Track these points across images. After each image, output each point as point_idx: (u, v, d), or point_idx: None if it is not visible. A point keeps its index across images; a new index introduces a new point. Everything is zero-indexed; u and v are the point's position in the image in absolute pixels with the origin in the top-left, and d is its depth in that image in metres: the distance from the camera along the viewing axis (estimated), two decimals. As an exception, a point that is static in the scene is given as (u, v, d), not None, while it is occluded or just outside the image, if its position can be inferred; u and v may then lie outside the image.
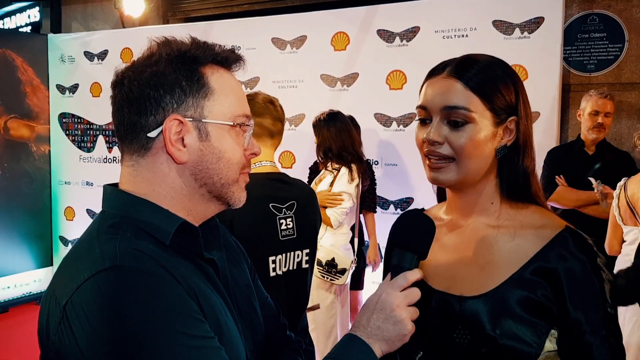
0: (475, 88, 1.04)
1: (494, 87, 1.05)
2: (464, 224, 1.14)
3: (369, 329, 0.96)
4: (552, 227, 1.05)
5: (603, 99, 3.35)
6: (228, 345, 0.91)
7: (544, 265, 1.02)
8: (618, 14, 3.82)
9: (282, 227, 2.02)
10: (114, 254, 0.85)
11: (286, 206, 2.05)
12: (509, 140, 1.08)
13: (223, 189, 0.99)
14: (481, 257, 1.09)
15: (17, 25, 7.21)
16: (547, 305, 1.01)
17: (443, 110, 1.05)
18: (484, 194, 1.11)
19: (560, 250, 1.02)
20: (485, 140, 1.05)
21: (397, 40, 3.97)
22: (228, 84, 1.00)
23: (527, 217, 1.09)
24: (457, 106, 1.03)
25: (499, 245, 1.08)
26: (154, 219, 0.93)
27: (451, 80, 1.05)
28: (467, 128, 1.04)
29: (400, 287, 0.98)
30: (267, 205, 2.00)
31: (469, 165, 1.06)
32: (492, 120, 1.05)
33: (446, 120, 1.05)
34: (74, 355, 0.81)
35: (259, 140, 2.01)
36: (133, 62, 0.97)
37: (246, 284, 1.10)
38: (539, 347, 1.01)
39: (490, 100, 1.05)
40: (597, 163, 3.41)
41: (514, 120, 1.07)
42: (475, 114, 1.03)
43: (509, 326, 1.01)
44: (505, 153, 1.08)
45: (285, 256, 2.03)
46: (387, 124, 4.01)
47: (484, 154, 1.06)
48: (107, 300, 0.81)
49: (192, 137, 0.95)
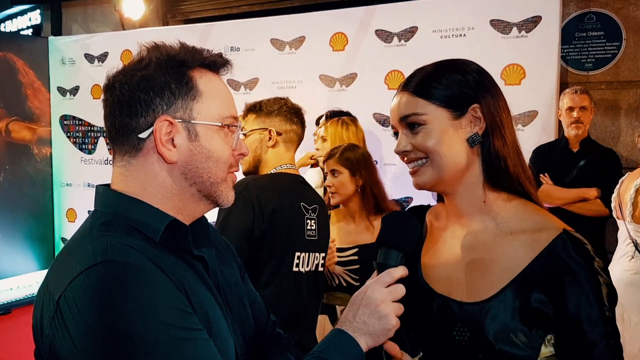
0: (419, 93, 1.11)
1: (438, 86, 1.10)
2: (461, 227, 1.16)
3: (355, 324, 0.99)
4: (549, 230, 1.07)
5: (577, 95, 3.41)
6: (217, 338, 0.93)
7: (541, 270, 1.04)
8: (615, 13, 3.83)
9: (308, 227, 2.08)
10: (106, 249, 0.88)
11: (312, 208, 2.13)
12: (480, 129, 1.10)
13: (212, 188, 1.02)
14: (480, 262, 1.11)
15: (18, 28, 7.24)
16: (544, 311, 1.03)
17: (401, 122, 1.13)
18: (470, 191, 1.13)
19: (556, 254, 1.03)
20: (447, 135, 1.09)
21: (395, 40, 3.98)
22: (216, 87, 1.03)
23: (525, 218, 1.10)
24: (407, 114, 1.11)
25: (497, 251, 1.09)
26: (144, 217, 0.96)
27: (402, 93, 1.14)
28: (422, 129, 1.10)
29: (385, 283, 1.01)
30: (299, 203, 2.08)
31: (441, 162, 1.09)
32: (449, 114, 1.10)
33: (406, 129, 1.12)
34: (68, 348, 0.84)
35: (291, 147, 2.13)
36: (124, 67, 1.01)
37: (235, 281, 1.13)
38: (535, 352, 1.03)
39: (436, 98, 1.10)
40: (581, 160, 3.43)
41: (477, 107, 1.10)
42: (425, 115, 1.10)
43: (506, 332, 1.03)
44: (479, 140, 1.10)
45: (308, 255, 2.08)
46: (386, 124, 4.02)
47: (453, 148, 1.09)
48: (98, 294, 0.84)
49: (182, 138, 0.98)
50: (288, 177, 2.09)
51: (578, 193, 3.31)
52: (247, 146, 2.00)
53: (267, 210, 1.93)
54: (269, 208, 1.93)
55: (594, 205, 3.29)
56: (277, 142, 2.09)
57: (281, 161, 2.10)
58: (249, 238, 1.90)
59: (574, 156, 3.46)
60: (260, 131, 2.09)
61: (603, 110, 3.88)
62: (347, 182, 2.57)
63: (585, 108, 3.40)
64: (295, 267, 2.03)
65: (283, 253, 2.00)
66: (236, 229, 1.88)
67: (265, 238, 1.94)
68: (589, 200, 3.30)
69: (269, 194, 1.98)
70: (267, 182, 2.04)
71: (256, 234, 1.91)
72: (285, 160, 2.12)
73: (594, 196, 3.29)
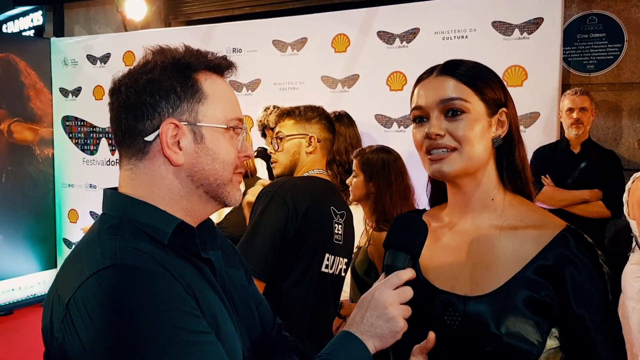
0: (467, 82, 1.11)
1: (484, 81, 1.12)
2: (465, 223, 1.17)
3: (363, 326, 1.00)
4: (552, 226, 1.08)
5: (577, 96, 3.41)
6: (225, 341, 0.94)
7: (546, 264, 1.05)
8: (617, 14, 3.83)
9: (336, 231, 2.12)
10: (114, 253, 0.89)
11: (340, 213, 2.17)
12: (503, 132, 1.13)
13: (219, 189, 1.02)
14: (484, 257, 1.11)
15: (20, 29, 7.26)
16: (549, 304, 1.04)
17: (440, 104, 1.10)
18: (482, 188, 1.14)
19: (562, 250, 1.05)
20: (482, 129, 1.11)
21: (397, 42, 3.98)
22: (221, 89, 1.03)
23: (528, 215, 1.12)
24: (453, 97, 1.10)
25: (502, 245, 1.10)
26: (152, 220, 0.97)
27: (443, 77, 1.12)
28: (464, 117, 1.10)
29: (393, 285, 1.01)
30: (329, 207, 2.13)
31: (471, 153, 1.10)
32: (486, 110, 1.11)
33: (444, 113, 1.11)
34: (77, 351, 0.84)
35: (327, 154, 2.20)
36: (129, 70, 1.01)
37: (242, 284, 1.13)
38: (541, 345, 1.04)
39: (481, 92, 1.11)
40: (582, 162, 3.43)
41: (504, 112, 1.13)
42: (469, 104, 1.10)
43: (513, 325, 1.04)
44: (500, 144, 1.13)
45: (334, 259, 2.11)
46: (388, 125, 4.03)
47: (483, 142, 1.11)
48: (108, 297, 0.84)
49: (188, 140, 0.98)
50: (320, 181, 2.15)
51: (579, 195, 3.32)
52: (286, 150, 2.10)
53: (300, 210, 1.98)
54: (302, 207, 1.98)
55: (595, 207, 3.29)
56: (316, 148, 2.14)
57: (314, 166, 2.16)
58: (282, 236, 1.95)
59: (575, 158, 3.46)
60: (301, 136, 2.14)
61: (604, 111, 3.89)
62: (361, 185, 2.57)
63: (585, 109, 3.41)
64: (325, 268, 2.07)
65: (314, 252, 2.03)
66: (270, 227, 1.94)
67: (298, 237, 1.98)
68: (589, 202, 3.31)
69: (303, 194, 2.02)
70: (301, 183, 2.09)
71: (289, 233, 1.96)
72: (318, 166, 2.17)
73: (594, 198, 3.29)
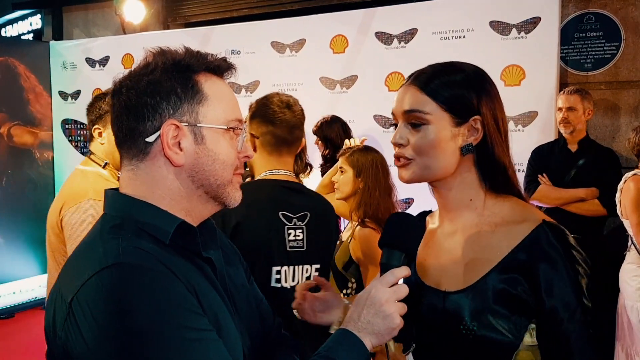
0: (429, 92, 1.12)
1: (449, 90, 1.11)
2: (450, 223, 1.20)
3: (360, 324, 1.01)
4: (530, 221, 1.10)
5: (566, 95, 3.42)
6: (226, 339, 0.95)
7: (520, 258, 1.07)
8: (614, 13, 3.85)
9: (291, 238, 1.91)
10: (117, 252, 0.90)
11: (298, 216, 1.94)
12: (476, 139, 1.13)
13: (219, 190, 1.03)
14: (466, 254, 1.15)
15: (19, 32, 7.28)
16: (523, 298, 1.06)
17: (404, 114, 1.14)
18: (457, 190, 1.16)
19: (535, 243, 1.07)
20: (444, 140, 1.11)
21: (395, 42, 4.00)
22: (221, 91, 1.04)
23: (509, 212, 1.14)
24: (413, 109, 1.12)
25: (482, 242, 1.13)
26: (154, 220, 0.98)
27: (410, 87, 1.14)
28: (424, 129, 1.11)
29: (389, 283, 1.03)
30: (277, 213, 1.90)
31: (427, 163, 1.12)
32: (451, 120, 1.11)
33: (407, 123, 1.14)
34: (81, 350, 0.85)
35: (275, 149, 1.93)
36: (130, 72, 1.02)
37: (242, 283, 1.15)
38: (516, 338, 1.06)
39: (445, 102, 1.11)
40: (580, 160, 3.44)
41: (478, 119, 1.12)
42: (430, 115, 1.11)
43: (488, 318, 1.07)
44: (471, 151, 1.13)
45: (293, 269, 1.91)
46: (387, 126, 4.04)
47: (446, 152, 1.12)
48: (110, 296, 0.85)
49: (188, 141, 0.99)
50: (267, 186, 1.93)
51: (575, 193, 3.32)
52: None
53: (230, 224, 1.80)
54: (232, 222, 1.79)
55: (591, 205, 3.29)
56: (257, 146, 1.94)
57: (267, 167, 1.95)
58: None
59: (573, 156, 3.46)
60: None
61: (602, 110, 3.90)
62: (349, 181, 2.60)
63: (573, 108, 3.39)
64: (276, 283, 1.87)
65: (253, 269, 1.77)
66: None
67: None
68: (586, 200, 3.31)
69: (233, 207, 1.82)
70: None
71: None
72: (271, 165, 1.95)
73: (591, 196, 3.29)
